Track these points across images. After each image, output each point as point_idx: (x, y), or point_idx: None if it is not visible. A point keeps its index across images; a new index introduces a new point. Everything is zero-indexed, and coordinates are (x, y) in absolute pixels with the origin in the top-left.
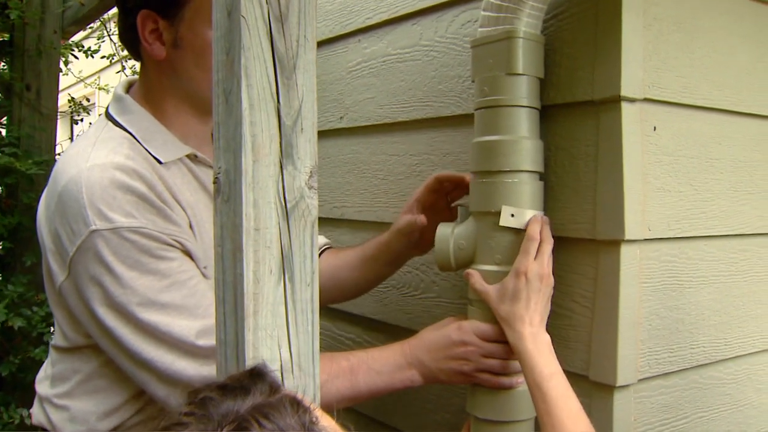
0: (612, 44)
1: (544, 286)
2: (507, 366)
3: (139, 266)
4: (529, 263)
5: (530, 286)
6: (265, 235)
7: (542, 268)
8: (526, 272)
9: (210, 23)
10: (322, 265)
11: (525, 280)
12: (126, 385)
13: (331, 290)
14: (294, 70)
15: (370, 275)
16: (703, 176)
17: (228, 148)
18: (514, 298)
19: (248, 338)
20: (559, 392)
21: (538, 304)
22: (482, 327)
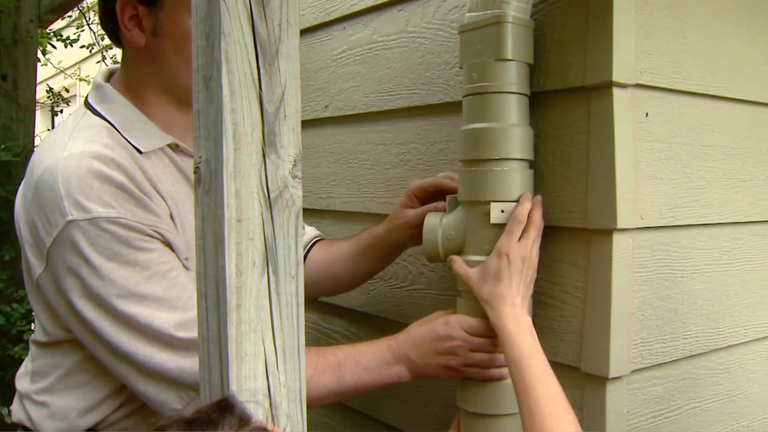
0: (603, 29)
1: (527, 268)
2: (495, 359)
3: (117, 257)
4: (512, 244)
5: (512, 267)
6: (247, 226)
7: (525, 250)
8: (508, 253)
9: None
10: (314, 257)
11: (507, 261)
12: (107, 379)
13: (324, 283)
14: (276, 56)
15: (366, 267)
16: (696, 164)
17: (208, 137)
18: (496, 278)
19: (231, 333)
20: (537, 372)
21: (520, 286)
22: (469, 321)
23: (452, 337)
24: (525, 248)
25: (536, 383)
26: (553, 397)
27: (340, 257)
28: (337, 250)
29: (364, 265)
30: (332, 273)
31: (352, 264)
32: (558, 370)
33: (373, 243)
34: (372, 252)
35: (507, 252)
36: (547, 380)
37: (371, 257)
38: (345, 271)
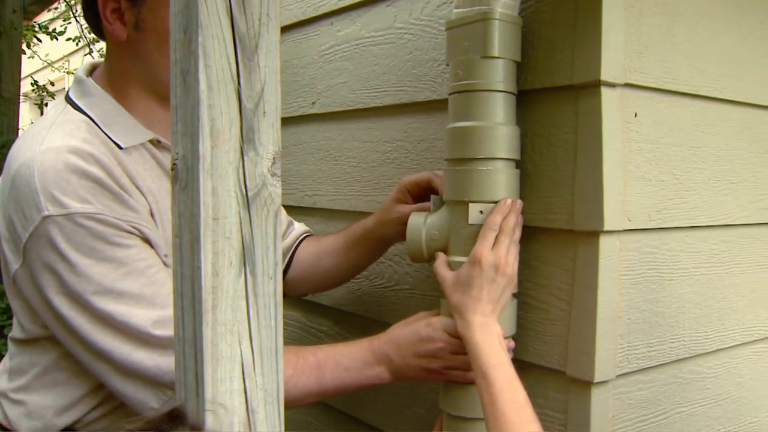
0: (592, 26)
1: (499, 276)
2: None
3: (94, 253)
4: (483, 251)
5: (484, 275)
6: (224, 225)
7: (498, 257)
8: (480, 261)
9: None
10: (302, 253)
11: (479, 269)
12: (84, 378)
13: (313, 279)
14: (256, 51)
15: (354, 261)
16: (686, 165)
17: (185, 133)
18: (466, 286)
19: (206, 334)
20: (504, 383)
21: (491, 294)
22: (452, 322)
23: (434, 339)
24: (498, 255)
25: (502, 394)
26: (519, 408)
27: (329, 251)
28: (325, 245)
29: (353, 258)
30: (320, 268)
31: (341, 258)
32: (542, 374)
33: (361, 235)
34: (360, 245)
35: (479, 259)
36: (513, 391)
37: (360, 250)
38: (333, 265)
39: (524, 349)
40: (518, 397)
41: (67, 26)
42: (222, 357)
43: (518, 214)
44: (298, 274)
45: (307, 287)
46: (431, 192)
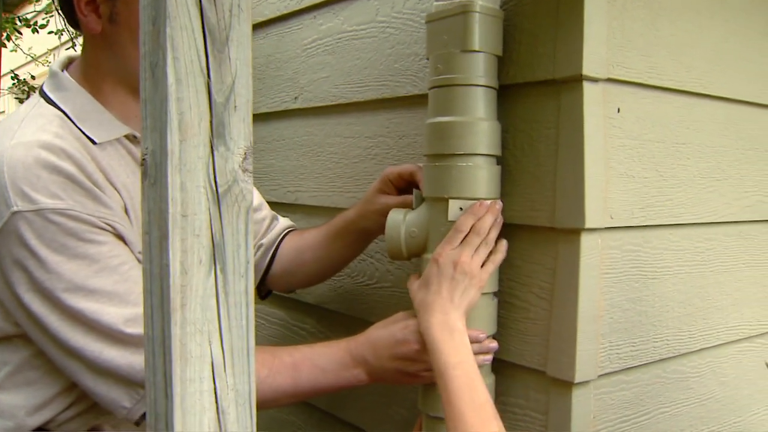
0: (574, 19)
1: (458, 273)
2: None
3: (65, 250)
4: (443, 250)
5: (442, 273)
6: (193, 221)
7: (460, 255)
8: (438, 258)
9: None
10: (285, 247)
11: (437, 267)
12: (57, 377)
13: (297, 274)
14: (227, 43)
15: (336, 253)
16: (670, 161)
17: (154, 127)
18: (426, 285)
19: (175, 333)
20: (462, 382)
21: (452, 292)
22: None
23: (409, 342)
24: (459, 254)
25: (460, 393)
26: (479, 406)
27: (310, 245)
28: (307, 238)
29: (334, 251)
30: (303, 262)
31: (322, 251)
32: (523, 374)
33: (342, 227)
34: (342, 237)
35: (437, 257)
36: (472, 390)
37: (341, 243)
38: (315, 258)
39: (505, 348)
40: (477, 396)
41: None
42: (191, 357)
43: (496, 216)
44: (282, 269)
45: (292, 282)
46: (414, 185)
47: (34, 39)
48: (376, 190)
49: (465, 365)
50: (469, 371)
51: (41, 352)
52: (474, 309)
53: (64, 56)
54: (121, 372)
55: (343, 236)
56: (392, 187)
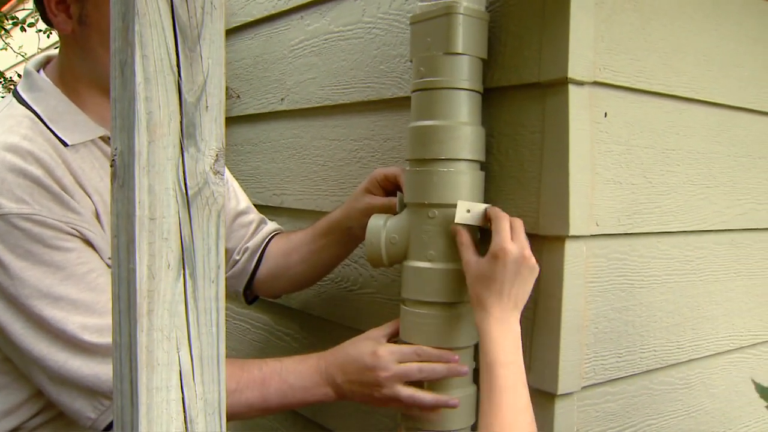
0: (560, 21)
1: (524, 269)
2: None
3: (30, 256)
4: (504, 244)
5: (507, 270)
6: (161, 225)
7: (523, 250)
8: (503, 254)
9: None
10: (271, 250)
11: (502, 264)
12: (26, 381)
13: (283, 278)
14: (198, 41)
15: (321, 255)
16: (659, 168)
17: (123, 127)
18: (489, 281)
19: (141, 340)
20: (508, 382)
21: (516, 291)
22: (403, 350)
23: (377, 368)
24: (522, 248)
25: (503, 393)
26: (519, 411)
27: (297, 246)
28: (294, 240)
29: (320, 251)
30: (289, 264)
31: (308, 252)
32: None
33: (327, 227)
34: (326, 236)
35: (501, 253)
36: (516, 394)
37: (325, 242)
38: (301, 260)
39: None
40: (519, 401)
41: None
42: (158, 364)
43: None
44: (268, 272)
45: (278, 286)
46: (400, 188)
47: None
48: (363, 189)
49: (513, 367)
50: (516, 374)
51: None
52: (452, 319)
53: (41, 56)
54: (86, 382)
55: (327, 236)
56: (379, 189)
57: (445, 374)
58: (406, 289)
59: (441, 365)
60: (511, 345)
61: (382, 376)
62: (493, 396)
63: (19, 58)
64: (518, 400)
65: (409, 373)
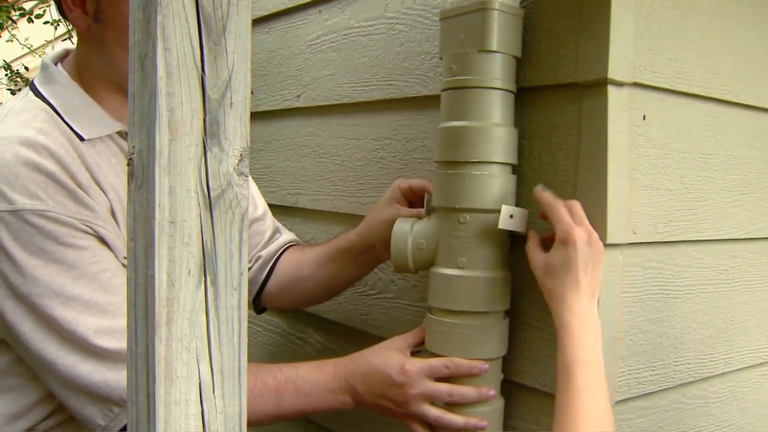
0: (599, 19)
1: (596, 253)
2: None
3: (43, 254)
4: (572, 229)
5: (579, 255)
6: (182, 229)
7: (591, 233)
8: (573, 239)
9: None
10: (284, 263)
11: (574, 250)
12: (38, 383)
13: (293, 291)
14: (224, 34)
15: (336, 274)
16: (695, 173)
17: (142, 124)
18: (562, 271)
19: (160, 351)
20: (587, 383)
21: (593, 277)
22: (432, 364)
23: (405, 386)
24: (589, 230)
25: (582, 394)
26: (597, 415)
27: (310, 262)
28: (308, 254)
29: (334, 271)
30: (300, 279)
31: (322, 270)
32: (535, 398)
33: (344, 247)
34: (343, 257)
35: (571, 238)
36: (595, 396)
37: (341, 263)
38: (313, 276)
39: (516, 370)
40: (598, 404)
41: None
42: (177, 377)
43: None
44: (279, 285)
45: (287, 300)
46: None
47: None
48: (388, 199)
49: (593, 366)
50: (596, 375)
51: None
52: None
53: (59, 49)
54: (96, 389)
55: (344, 256)
56: (403, 200)
57: (475, 399)
58: (434, 297)
59: (472, 391)
60: (591, 342)
61: (410, 394)
62: (570, 399)
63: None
64: (597, 404)
65: (438, 395)
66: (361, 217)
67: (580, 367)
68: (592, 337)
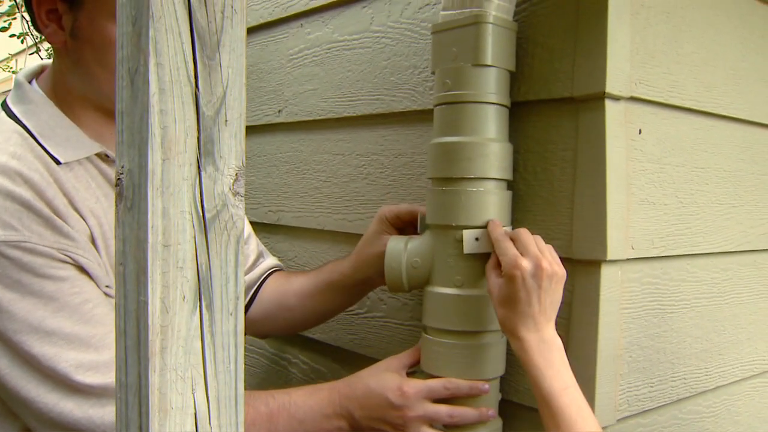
0: (596, 33)
1: (545, 281)
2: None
3: (19, 287)
4: (515, 262)
5: (526, 286)
6: (176, 252)
7: (539, 261)
8: (515, 273)
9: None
10: (268, 289)
11: (519, 282)
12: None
13: (277, 320)
14: (218, 48)
15: (326, 306)
16: (689, 187)
17: (132, 143)
18: (511, 302)
19: (153, 381)
20: (573, 410)
21: (542, 305)
22: (431, 385)
23: (404, 408)
24: (536, 259)
25: (574, 422)
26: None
27: (297, 292)
28: (295, 284)
29: (324, 303)
30: (288, 308)
31: (311, 301)
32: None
33: (336, 281)
34: (334, 290)
35: (513, 271)
36: (585, 418)
37: (332, 295)
38: (301, 307)
39: (514, 389)
40: (591, 425)
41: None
42: (171, 408)
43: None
44: (262, 312)
45: (270, 328)
46: (414, 224)
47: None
48: (375, 232)
49: (571, 390)
50: (576, 397)
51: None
52: (480, 349)
53: (35, 65)
54: (80, 426)
55: (336, 289)
56: (391, 228)
57: (476, 420)
58: (430, 316)
59: (472, 412)
60: (558, 366)
61: (408, 416)
62: (564, 428)
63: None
64: (590, 425)
65: (438, 417)
66: (347, 234)
67: (561, 396)
68: (557, 361)
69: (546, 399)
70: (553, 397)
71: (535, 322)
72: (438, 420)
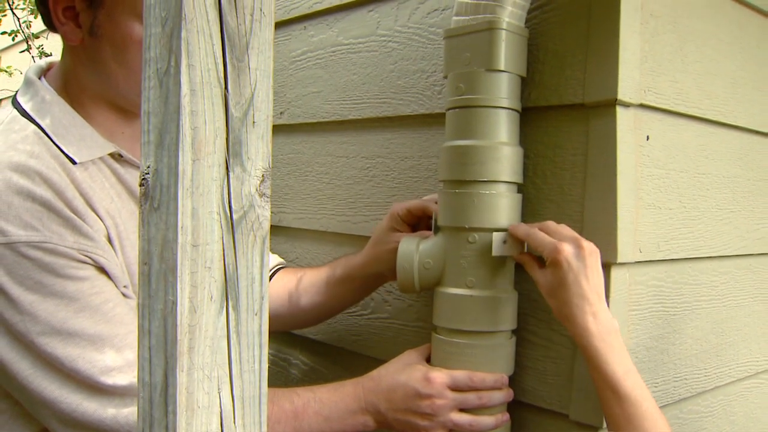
0: (608, 41)
1: (589, 258)
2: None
3: (40, 288)
4: (555, 247)
5: (572, 268)
6: (204, 252)
7: (577, 240)
8: (558, 259)
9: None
10: (276, 287)
11: (564, 267)
12: (27, 421)
13: (286, 317)
14: (247, 51)
15: (336, 300)
16: (692, 192)
17: (160, 144)
18: (561, 289)
19: (181, 380)
20: (637, 392)
21: (593, 285)
22: (456, 376)
23: (433, 396)
24: (574, 239)
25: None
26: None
27: (308, 289)
28: (305, 282)
29: (336, 297)
30: (298, 307)
31: (322, 297)
32: (542, 417)
33: (348, 275)
34: (345, 284)
35: (558, 256)
36: (649, 399)
37: (344, 289)
38: (312, 304)
39: (522, 389)
40: (655, 407)
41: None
42: (198, 407)
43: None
44: (270, 309)
45: (279, 323)
46: (426, 220)
47: None
48: (387, 228)
49: (632, 373)
50: (638, 380)
51: (8, 394)
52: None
53: (43, 62)
54: (104, 426)
55: (347, 283)
56: (403, 224)
57: (503, 401)
58: (440, 316)
59: (498, 392)
60: (619, 350)
61: (437, 404)
62: (633, 415)
63: None
64: (654, 407)
65: (467, 401)
66: (351, 236)
67: (625, 380)
68: (617, 345)
69: (610, 384)
70: (619, 382)
71: (590, 303)
72: (467, 403)
